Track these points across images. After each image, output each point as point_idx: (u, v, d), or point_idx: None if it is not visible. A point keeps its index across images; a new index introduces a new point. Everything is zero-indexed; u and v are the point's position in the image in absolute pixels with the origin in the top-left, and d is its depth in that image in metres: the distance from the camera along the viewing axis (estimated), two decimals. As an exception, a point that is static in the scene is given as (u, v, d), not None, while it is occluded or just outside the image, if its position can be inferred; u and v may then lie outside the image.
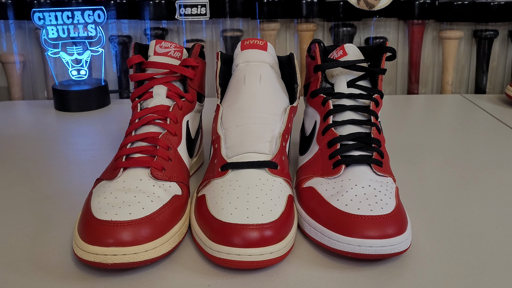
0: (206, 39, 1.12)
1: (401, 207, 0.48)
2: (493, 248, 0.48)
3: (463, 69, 1.16)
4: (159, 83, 0.57)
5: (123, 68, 1.12)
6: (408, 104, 1.05)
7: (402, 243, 0.45)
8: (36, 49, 1.12)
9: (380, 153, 0.52)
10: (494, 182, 0.63)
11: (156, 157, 0.51)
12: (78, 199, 0.58)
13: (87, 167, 0.69)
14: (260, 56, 0.58)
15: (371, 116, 0.55)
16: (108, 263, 0.42)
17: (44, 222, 0.53)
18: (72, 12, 0.93)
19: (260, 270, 0.44)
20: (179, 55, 0.60)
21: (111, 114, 0.95)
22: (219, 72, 0.60)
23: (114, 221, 0.43)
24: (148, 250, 0.43)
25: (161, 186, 0.49)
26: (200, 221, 0.47)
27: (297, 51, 1.13)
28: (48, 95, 1.14)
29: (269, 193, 0.47)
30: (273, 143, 0.52)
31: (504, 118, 0.90)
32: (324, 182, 0.51)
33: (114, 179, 0.49)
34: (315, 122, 0.58)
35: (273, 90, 0.57)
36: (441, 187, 0.62)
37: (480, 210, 0.56)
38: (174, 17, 1.05)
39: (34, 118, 0.94)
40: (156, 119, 0.54)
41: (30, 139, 0.81)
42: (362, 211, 0.45)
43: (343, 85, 0.57)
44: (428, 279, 0.43)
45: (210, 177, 0.51)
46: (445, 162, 0.70)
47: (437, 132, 0.83)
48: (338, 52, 0.59)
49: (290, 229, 0.46)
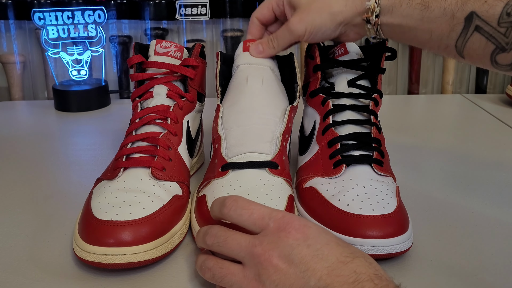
0: (206, 39, 1.12)
1: (403, 207, 0.48)
2: (494, 248, 0.48)
3: (463, 69, 1.16)
4: (159, 83, 0.57)
5: (124, 68, 1.12)
6: (409, 104, 1.05)
7: (404, 242, 0.45)
8: (36, 49, 1.12)
9: (380, 153, 0.52)
10: (495, 182, 0.63)
11: (157, 157, 0.51)
12: (78, 199, 0.58)
13: (88, 167, 0.69)
14: (262, 59, 0.58)
15: (371, 116, 0.55)
16: (109, 263, 0.42)
17: (44, 222, 0.53)
18: (72, 12, 0.93)
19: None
20: (179, 55, 0.60)
21: (112, 114, 0.95)
22: (219, 72, 0.60)
23: (114, 221, 0.43)
24: (148, 250, 0.43)
25: (161, 186, 0.49)
26: (200, 221, 0.47)
27: (297, 51, 1.13)
28: (49, 95, 1.14)
29: (269, 193, 0.47)
30: (273, 143, 0.52)
31: (504, 118, 0.90)
32: (325, 182, 0.51)
33: (115, 179, 0.49)
34: (314, 122, 0.58)
35: (274, 92, 0.57)
36: (442, 187, 0.62)
37: (481, 210, 0.56)
38: (175, 17, 1.05)
39: (34, 118, 0.94)
40: (157, 119, 0.54)
41: (30, 139, 0.81)
42: (364, 211, 0.45)
43: (344, 84, 0.57)
44: (429, 279, 0.43)
45: (211, 177, 0.51)
46: (446, 162, 0.70)
47: (437, 132, 0.83)
48: (339, 50, 0.59)
49: (291, 229, 0.46)
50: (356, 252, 0.36)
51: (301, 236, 0.36)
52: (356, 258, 0.35)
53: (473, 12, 0.43)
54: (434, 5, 0.45)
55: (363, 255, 0.35)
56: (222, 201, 0.40)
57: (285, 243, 0.36)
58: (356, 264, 0.34)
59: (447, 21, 0.45)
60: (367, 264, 0.34)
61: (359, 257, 0.35)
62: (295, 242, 0.35)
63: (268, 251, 0.36)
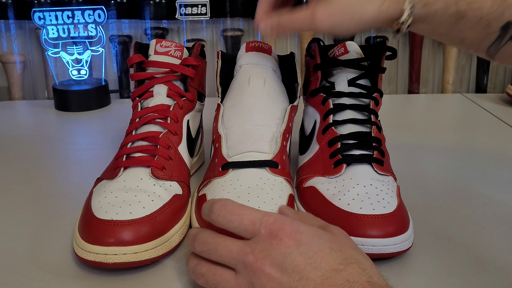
0: (206, 38, 1.12)
1: (403, 206, 0.48)
2: (494, 247, 0.48)
3: (463, 68, 1.16)
4: (159, 82, 0.57)
5: (124, 67, 1.12)
6: (409, 103, 1.05)
7: (405, 241, 0.45)
8: (36, 49, 1.12)
9: (381, 152, 0.52)
10: (495, 181, 0.63)
11: (157, 156, 0.51)
12: (78, 199, 0.58)
13: (88, 167, 0.69)
14: (265, 60, 0.59)
15: (371, 115, 0.55)
16: (109, 262, 0.42)
17: (44, 221, 0.53)
18: (72, 11, 0.93)
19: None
20: (179, 54, 0.60)
21: (112, 114, 0.95)
22: (220, 71, 0.60)
23: (114, 220, 0.43)
24: (148, 249, 0.43)
25: (161, 185, 0.49)
26: (200, 220, 0.47)
27: (298, 50, 1.13)
28: (49, 95, 1.14)
29: (270, 192, 0.47)
30: (273, 142, 0.52)
31: (505, 117, 0.89)
32: (325, 181, 0.51)
33: (115, 178, 0.49)
34: (314, 121, 0.58)
35: (276, 93, 0.57)
36: (442, 186, 0.62)
37: (481, 209, 0.56)
38: (175, 16, 1.05)
39: (34, 118, 0.94)
40: (157, 118, 0.54)
41: (30, 139, 0.81)
42: (365, 210, 0.45)
43: (344, 84, 0.57)
44: (430, 278, 0.43)
45: (211, 176, 0.51)
46: (446, 161, 0.70)
47: (438, 131, 0.83)
48: (339, 50, 0.59)
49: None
50: (349, 257, 0.35)
51: (294, 243, 0.35)
52: (349, 265, 0.34)
53: (510, 22, 0.42)
54: (470, 14, 0.43)
55: (356, 260, 0.35)
56: (210, 205, 0.39)
57: (278, 251, 0.35)
58: (349, 272, 0.34)
59: (482, 30, 0.43)
60: (360, 270, 0.34)
61: (352, 264, 0.34)
62: (288, 250, 0.35)
63: (260, 259, 0.35)
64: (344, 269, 0.34)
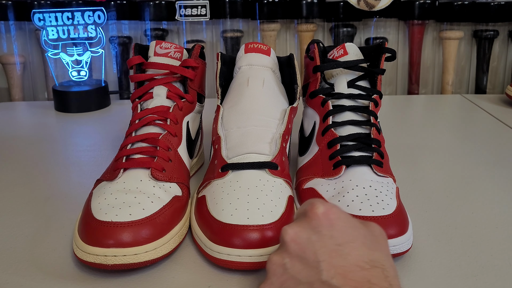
0: (206, 40, 1.12)
1: (402, 208, 0.48)
2: (493, 249, 0.48)
3: (463, 70, 1.16)
4: (159, 84, 0.57)
5: (123, 69, 1.12)
6: (409, 104, 1.05)
7: (404, 243, 0.45)
8: (36, 50, 1.12)
9: (380, 154, 0.52)
10: (494, 182, 0.63)
11: (156, 158, 0.51)
12: (78, 200, 0.58)
13: (87, 168, 0.69)
14: (264, 61, 0.59)
15: (370, 117, 0.55)
16: (108, 264, 0.42)
17: (44, 223, 0.53)
18: (72, 13, 0.93)
19: (260, 271, 0.44)
20: (179, 56, 0.60)
21: (111, 115, 0.95)
22: (219, 73, 0.60)
23: (114, 222, 0.43)
24: (148, 251, 0.43)
25: (161, 187, 0.49)
26: (200, 222, 0.47)
27: (297, 52, 1.13)
28: (48, 96, 1.14)
29: (269, 194, 0.47)
30: (273, 144, 0.52)
31: (504, 118, 0.90)
32: (324, 183, 0.51)
33: (115, 180, 0.49)
34: (314, 123, 0.58)
35: (275, 94, 0.57)
36: (442, 188, 0.62)
37: (481, 210, 0.56)
38: (174, 17, 1.05)
39: (34, 119, 0.94)
40: (156, 120, 0.54)
41: (30, 140, 0.81)
42: (364, 211, 0.45)
43: (343, 85, 0.57)
44: (429, 279, 0.43)
45: (210, 178, 0.51)
46: (445, 162, 0.70)
47: (437, 133, 0.83)
48: (338, 51, 0.59)
49: (291, 230, 0.46)
50: (377, 260, 0.34)
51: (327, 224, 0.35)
52: (374, 267, 0.33)
53: None
54: None
55: (382, 265, 0.34)
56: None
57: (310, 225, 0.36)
58: (372, 274, 0.33)
59: None
60: (383, 276, 0.33)
61: (377, 268, 0.33)
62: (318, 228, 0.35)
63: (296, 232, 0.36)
64: (368, 269, 0.33)
